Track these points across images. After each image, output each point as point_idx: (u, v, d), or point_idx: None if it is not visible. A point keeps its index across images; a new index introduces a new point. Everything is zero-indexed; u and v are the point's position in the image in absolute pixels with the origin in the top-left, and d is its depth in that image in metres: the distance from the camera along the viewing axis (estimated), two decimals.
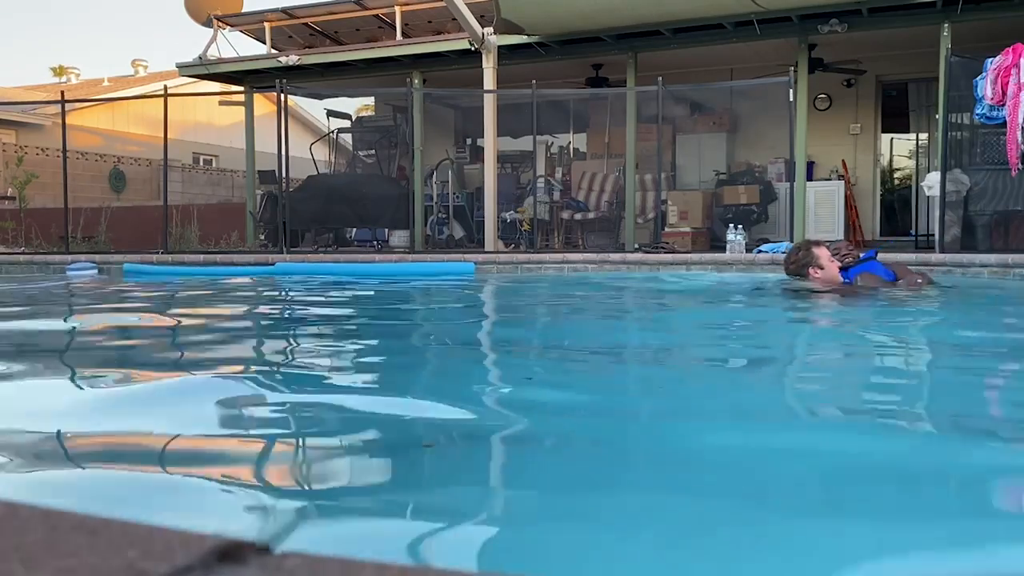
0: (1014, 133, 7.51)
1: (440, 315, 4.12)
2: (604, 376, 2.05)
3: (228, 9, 12.15)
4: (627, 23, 9.57)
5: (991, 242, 7.90)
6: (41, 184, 13.31)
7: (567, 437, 1.38)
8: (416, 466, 1.20)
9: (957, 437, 1.43)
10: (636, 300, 5.36)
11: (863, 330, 3.26)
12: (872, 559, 0.86)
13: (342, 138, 13.38)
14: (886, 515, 0.99)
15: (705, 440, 1.34)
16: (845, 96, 11.49)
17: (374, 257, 8.95)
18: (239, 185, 17.00)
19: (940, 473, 1.19)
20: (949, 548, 0.90)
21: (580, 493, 1.06)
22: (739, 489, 1.00)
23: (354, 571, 0.48)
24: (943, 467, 1.22)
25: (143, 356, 2.44)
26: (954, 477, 1.20)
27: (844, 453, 1.30)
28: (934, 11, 8.70)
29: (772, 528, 0.94)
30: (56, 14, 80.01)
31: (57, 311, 4.23)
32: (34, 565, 0.47)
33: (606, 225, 10.72)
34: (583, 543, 0.89)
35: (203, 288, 5.54)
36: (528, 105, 9.61)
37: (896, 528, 0.95)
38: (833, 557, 0.86)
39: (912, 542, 0.92)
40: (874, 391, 1.95)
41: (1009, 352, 2.62)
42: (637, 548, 0.88)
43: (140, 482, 1.13)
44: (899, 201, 13.58)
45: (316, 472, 1.17)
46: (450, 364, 2.34)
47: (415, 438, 1.41)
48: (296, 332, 3.26)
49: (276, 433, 1.48)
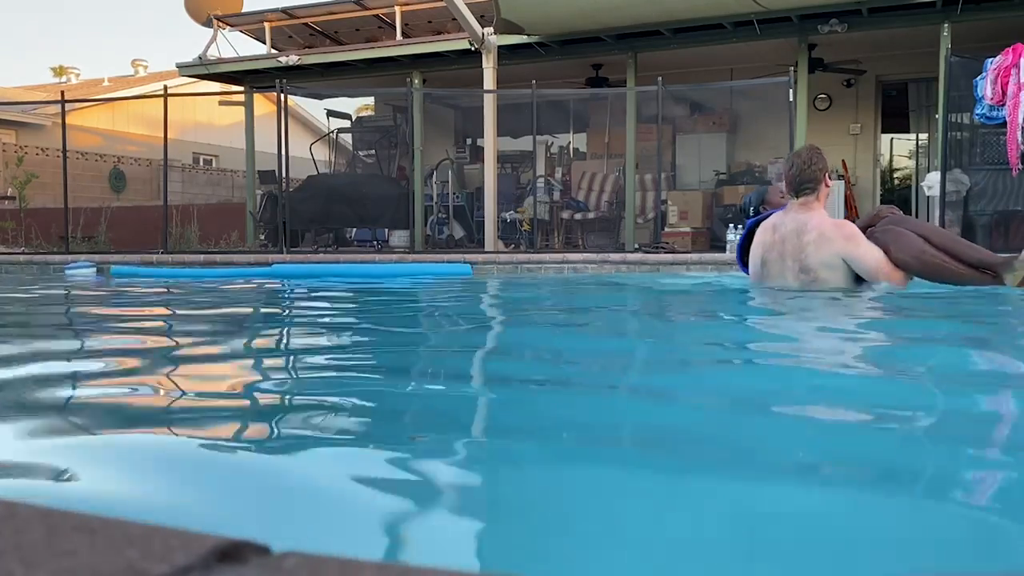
0: (1014, 133, 7.52)
1: (434, 316, 4.13)
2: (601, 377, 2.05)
3: (228, 9, 12.16)
4: (627, 23, 9.58)
5: (991, 242, 7.90)
6: (41, 184, 13.32)
7: (563, 430, 1.38)
8: (415, 465, 1.20)
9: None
10: (635, 299, 5.35)
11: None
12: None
13: (342, 138, 13.39)
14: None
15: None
16: (845, 96, 11.50)
17: (374, 257, 8.95)
18: (239, 185, 17.01)
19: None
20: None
21: (579, 489, 1.06)
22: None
23: (354, 571, 0.48)
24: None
25: (139, 354, 2.44)
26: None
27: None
28: (934, 11, 8.71)
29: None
30: (56, 14, 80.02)
31: (47, 312, 4.24)
32: (33, 565, 0.47)
33: (606, 225, 10.73)
34: (581, 542, 0.89)
35: (190, 289, 5.55)
36: (528, 105, 9.62)
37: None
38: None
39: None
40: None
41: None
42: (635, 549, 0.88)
43: (140, 482, 1.13)
44: (899, 201, 13.60)
45: (316, 471, 1.18)
46: (441, 364, 2.34)
47: (412, 434, 1.41)
48: (280, 331, 3.26)
49: (270, 431, 1.48)
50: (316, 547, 0.53)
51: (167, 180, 11.10)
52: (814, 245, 3.87)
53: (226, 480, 1.16)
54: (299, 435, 1.43)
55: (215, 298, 4.91)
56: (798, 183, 3.98)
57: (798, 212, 3.98)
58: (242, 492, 1.09)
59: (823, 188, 4.02)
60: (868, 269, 3.82)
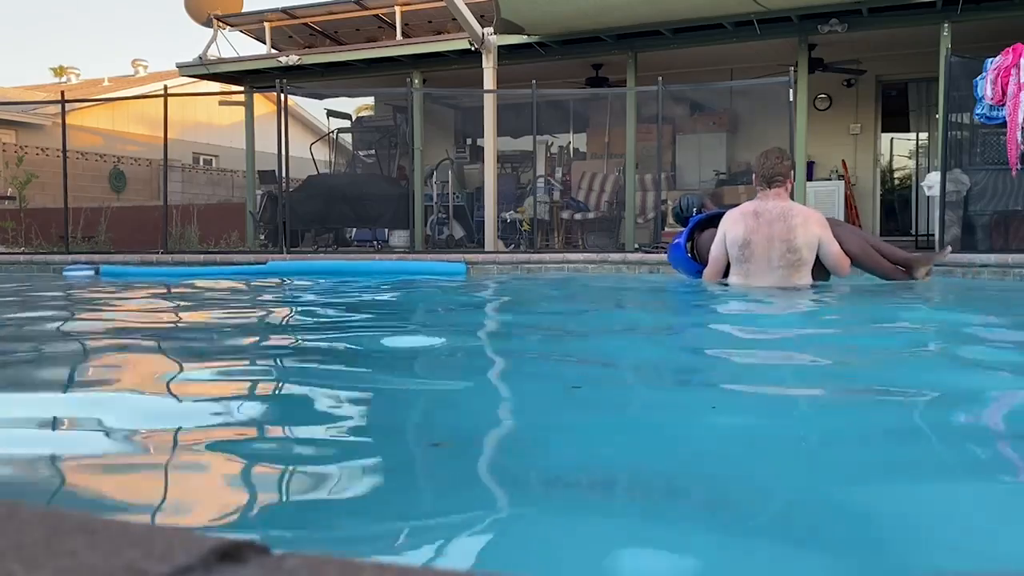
0: (1014, 133, 7.51)
1: (427, 314, 4.13)
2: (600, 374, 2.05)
3: (228, 9, 12.15)
4: (627, 23, 9.57)
5: (991, 242, 7.90)
6: (41, 184, 13.32)
7: (578, 434, 1.38)
8: (414, 465, 1.20)
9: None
10: (629, 298, 5.35)
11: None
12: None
13: (342, 138, 13.38)
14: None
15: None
16: (845, 96, 11.50)
17: (374, 256, 8.94)
18: (239, 185, 17.01)
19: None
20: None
21: (592, 497, 1.06)
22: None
23: (354, 571, 0.48)
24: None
25: (137, 353, 2.44)
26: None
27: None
28: (934, 11, 8.70)
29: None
30: (56, 14, 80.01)
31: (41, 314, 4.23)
32: (34, 565, 0.47)
33: (606, 225, 10.73)
34: (595, 549, 0.89)
35: (177, 288, 5.54)
36: (528, 105, 9.61)
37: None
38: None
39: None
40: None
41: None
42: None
43: (139, 482, 1.13)
44: (899, 201, 13.59)
45: (315, 471, 1.18)
46: (440, 364, 2.34)
47: (414, 436, 1.41)
48: (271, 331, 3.26)
49: (270, 432, 1.48)
50: (320, 548, 0.53)
51: (167, 180, 11.09)
52: (802, 228, 4.29)
53: (225, 480, 1.16)
54: (310, 435, 1.43)
55: (201, 299, 4.91)
56: (772, 174, 4.36)
57: (777, 200, 4.37)
58: (243, 492, 1.09)
59: (790, 183, 4.43)
60: (831, 254, 4.33)
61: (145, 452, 1.30)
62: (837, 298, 4.21)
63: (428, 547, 0.88)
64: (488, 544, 0.89)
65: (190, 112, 17.89)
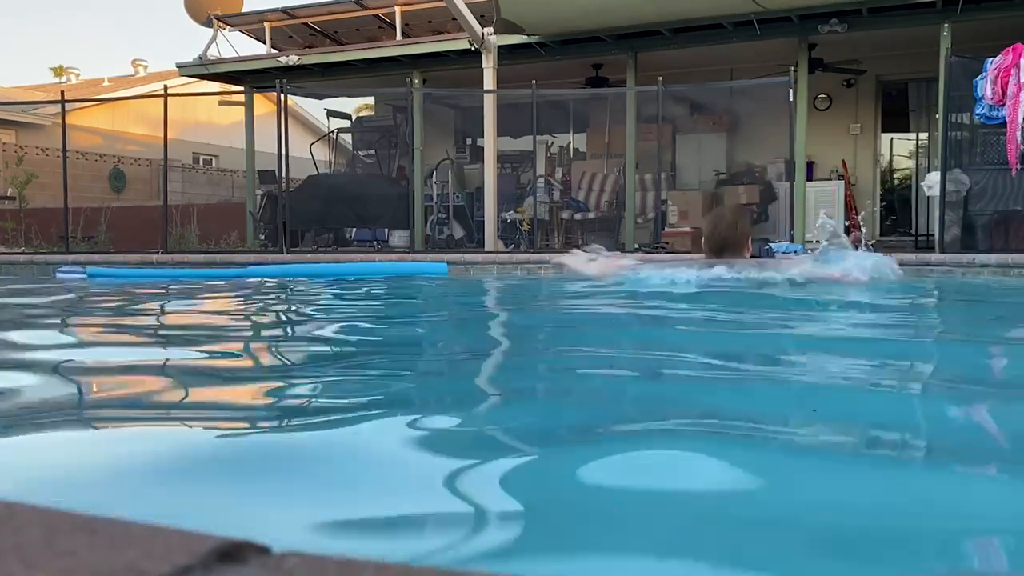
0: (1014, 133, 7.52)
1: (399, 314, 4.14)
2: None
3: (228, 9, 12.16)
4: (627, 23, 9.58)
5: (991, 242, 7.90)
6: (41, 184, 13.32)
7: (565, 432, 1.38)
8: (414, 465, 1.20)
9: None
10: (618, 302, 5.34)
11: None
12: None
13: (342, 138, 13.38)
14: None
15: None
16: (845, 96, 11.50)
17: (374, 257, 8.94)
18: (239, 185, 17.01)
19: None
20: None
21: (589, 498, 1.06)
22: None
23: (354, 571, 0.48)
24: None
25: (137, 354, 2.44)
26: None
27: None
28: (934, 11, 8.71)
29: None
30: (56, 14, 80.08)
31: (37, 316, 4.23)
32: (33, 565, 0.47)
33: (606, 225, 10.72)
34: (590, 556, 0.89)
35: (163, 288, 5.54)
36: (528, 105, 9.62)
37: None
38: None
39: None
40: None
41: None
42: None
43: (139, 482, 1.13)
44: (899, 201, 13.59)
45: (314, 471, 1.18)
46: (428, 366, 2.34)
47: (408, 436, 1.41)
48: (257, 332, 3.26)
49: (265, 430, 1.48)
50: (320, 548, 0.53)
51: (167, 180, 11.10)
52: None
53: (227, 481, 1.16)
54: (310, 435, 1.43)
55: (191, 300, 4.91)
56: (721, 245, 3.67)
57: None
58: (244, 492, 1.09)
59: (746, 251, 3.78)
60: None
61: (143, 451, 1.30)
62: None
63: (428, 548, 0.88)
64: (491, 543, 0.89)
65: (190, 112, 17.89)
